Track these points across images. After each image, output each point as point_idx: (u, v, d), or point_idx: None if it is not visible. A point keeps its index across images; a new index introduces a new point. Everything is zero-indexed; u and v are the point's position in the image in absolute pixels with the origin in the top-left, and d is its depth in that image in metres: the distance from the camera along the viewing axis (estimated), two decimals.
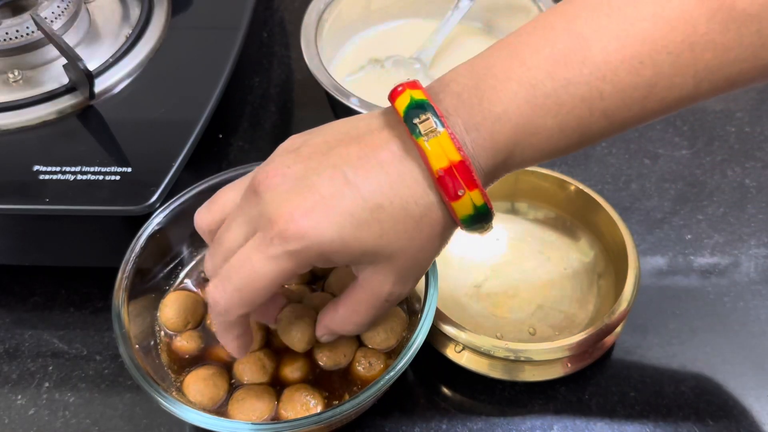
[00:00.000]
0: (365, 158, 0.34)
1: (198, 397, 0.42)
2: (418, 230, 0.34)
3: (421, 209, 0.34)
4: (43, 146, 0.51)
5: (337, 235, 0.33)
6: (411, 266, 0.36)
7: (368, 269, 0.36)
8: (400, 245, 0.34)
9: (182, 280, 0.49)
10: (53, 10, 0.55)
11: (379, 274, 0.35)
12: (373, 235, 0.34)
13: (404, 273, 0.36)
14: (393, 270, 0.35)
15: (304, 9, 0.61)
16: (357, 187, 0.33)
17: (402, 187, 0.34)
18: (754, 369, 0.49)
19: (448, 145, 0.33)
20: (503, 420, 0.47)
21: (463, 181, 0.33)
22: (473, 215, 0.34)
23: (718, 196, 0.59)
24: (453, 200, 0.34)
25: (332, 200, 0.33)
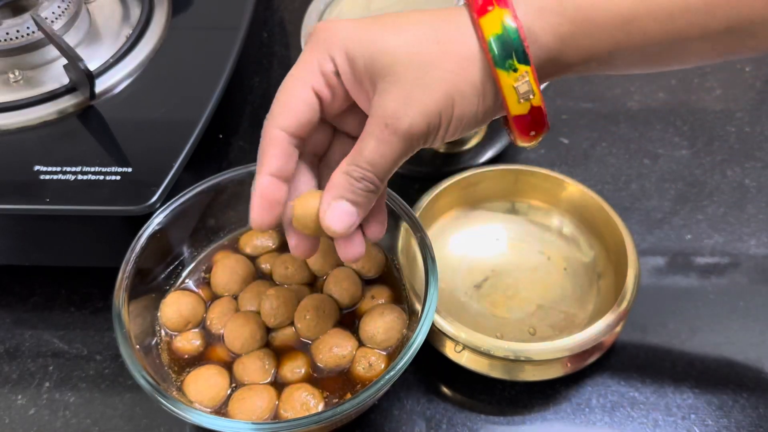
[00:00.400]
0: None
1: (198, 397, 0.42)
2: (437, 43, 0.33)
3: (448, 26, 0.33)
4: (44, 146, 0.51)
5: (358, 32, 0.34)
6: (418, 84, 0.33)
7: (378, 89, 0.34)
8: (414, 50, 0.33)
9: (183, 280, 0.49)
10: (53, 11, 0.55)
11: (386, 92, 0.33)
12: (391, 36, 0.33)
13: (410, 91, 0.33)
14: (399, 84, 0.33)
15: (304, 9, 0.61)
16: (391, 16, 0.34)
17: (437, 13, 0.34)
18: (754, 369, 0.49)
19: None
20: (503, 419, 0.47)
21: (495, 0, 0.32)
22: (502, 38, 0.32)
23: (718, 196, 0.59)
24: (481, 14, 0.32)
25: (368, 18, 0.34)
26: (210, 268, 0.49)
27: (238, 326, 0.45)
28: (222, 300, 0.47)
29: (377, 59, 0.33)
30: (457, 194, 0.55)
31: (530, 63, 0.33)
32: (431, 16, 0.34)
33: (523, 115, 0.34)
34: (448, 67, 0.33)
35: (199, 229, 0.50)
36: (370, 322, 0.45)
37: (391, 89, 0.33)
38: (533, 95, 0.33)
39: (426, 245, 0.44)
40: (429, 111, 0.33)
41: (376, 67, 0.33)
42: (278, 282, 0.48)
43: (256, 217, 0.36)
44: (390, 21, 0.34)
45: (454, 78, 0.33)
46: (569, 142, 0.64)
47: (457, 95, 0.33)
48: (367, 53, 0.33)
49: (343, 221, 0.35)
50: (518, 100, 0.33)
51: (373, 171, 0.34)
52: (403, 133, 0.33)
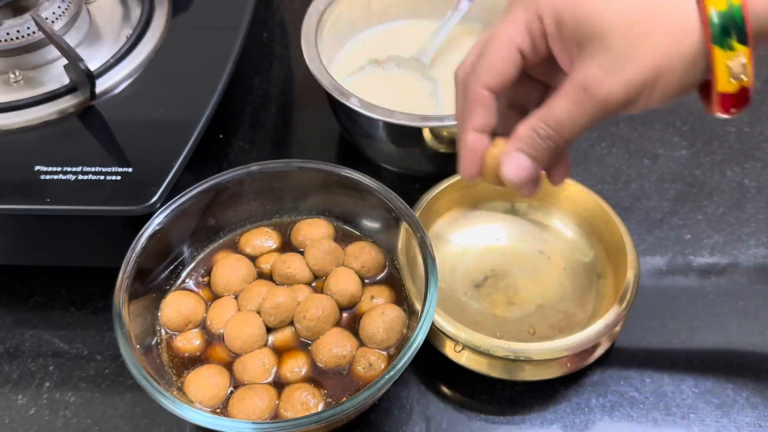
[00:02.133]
0: None
1: (198, 397, 0.42)
2: (653, 11, 0.32)
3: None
4: (44, 146, 0.51)
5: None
6: (626, 53, 0.32)
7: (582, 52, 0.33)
8: (625, 16, 0.32)
9: (183, 280, 0.49)
10: (54, 11, 0.55)
11: (590, 56, 0.33)
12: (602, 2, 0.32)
13: (616, 59, 0.32)
14: (606, 50, 0.32)
15: (304, 9, 0.61)
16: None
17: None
18: (753, 369, 0.49)
19: None
20: (503, 419, 0.47)
21: None
22: (725, 15, 0.31)
23: (717, 196, 0.59)
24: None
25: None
26: (210, 268, 0.49)
27: (238, 326, 0.45)
28: (222, 300, 0.47)
29: (587, 24, 0.32)
30: (457, 194, 0.55)
31: (749, 43, 0.31)
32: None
33: (730, 94, 0.32)
34: (661, 39, 0.32)
35: (199, 229, 0.50)
36: (370, 322, 0.45)
37: (597, 55, 0.32)
38: (746, 76, 0.32)
39: (426, 245, 0.45)
40: (632, 82, 0.32)
41: (585, 32, 0.32)
42: (278, 282, 0.48)
43: (466, 170, 0.37)
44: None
45: (665, 50, 0.32)
46: None
47: (665, 68, 0.32)
48: (577, 17, 0.32)
49: (520, 173, 0.35)
50: (729, 79, 0.32)
51: (559, 131, 0.34)
52: (599, 100, 0.33)
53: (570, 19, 0.33)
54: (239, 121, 0.66)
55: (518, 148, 0.35)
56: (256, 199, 0.51)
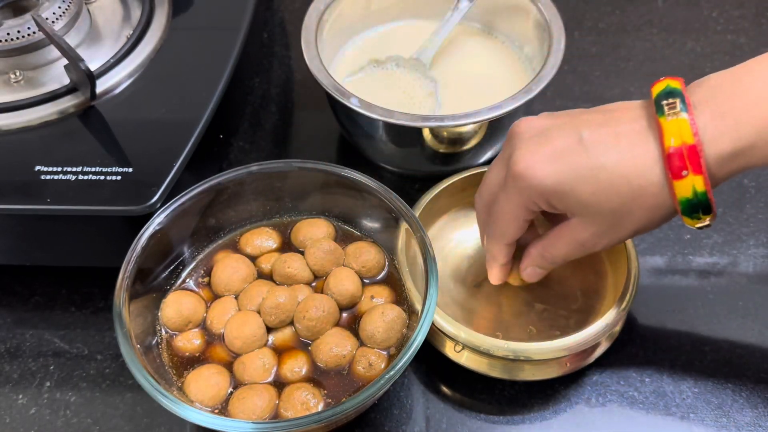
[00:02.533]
0: (605, 126, 0.39)
1: (199, 396, 0.42)
2: (632, 197, 0.38)
3: (642, 182, 0.37)
4: (45, 146, 0.51)
5: (557, 182, 0.39)
6: (613, 226, 0.40)
7: (575, 218, 0.41)
8: (609, 206, 0.38)
9: (183, 280, 0.49)
10: (54, 11, 0.55)
11: (582, 223, 0.40)
12: (588, 191, 0.38)
13: (604, 231, 0.40)
14: (596, 224, 0.40)
15: (304, 10, 0.61)
16: (587, 147, 0.38)
17: (630, 157, 0.37)
18: (752, 369, 0.49)
19: (685, 128, 0.36)
20: (503, 419, 0.47)
21: (690, 164, 0.36)
22: (691, 200, 0.37)
23: (716, 196, 0.59)
24: (676, 179, 0.36)
25: (562, 153, 0.39)
26: (210, 268, 0.49)
27: (239, 326, 0.45)
28: (222, 300, 0.47)
29: (574, 208, 0.40)
30: (457, 194, 0.55)
31: (713, 211, 0.37)
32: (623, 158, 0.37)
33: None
34: (639, 215, 0.39)
35: (199, 229, 0.50)
36: (370, 322, 0.45)
37: (586, 225, 0.40)
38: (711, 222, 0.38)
39: (426, 245, 0.45)
40: (617, 241, 0.41)
41: (574, 211, 0.40)
42: (278, 282, 0.48)
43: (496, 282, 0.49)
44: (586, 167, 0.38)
45: (644, 220, 0.39)
46: None
47: (646, 227, 0.40)
48: (567, 203, 0.39)
49: (535, 278, 0.47)
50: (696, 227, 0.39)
51: (561, 260, 0.44)
52: (592, 250, 0.42)
53: (561, 204, 0.40)
54: (239, 121, 0.66)
55: (532, 264, 0.46)
56: (256, 199, 0.51)
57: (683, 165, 0.36)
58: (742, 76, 0.37)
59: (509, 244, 0.45)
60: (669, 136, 0.36)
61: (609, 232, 0.40)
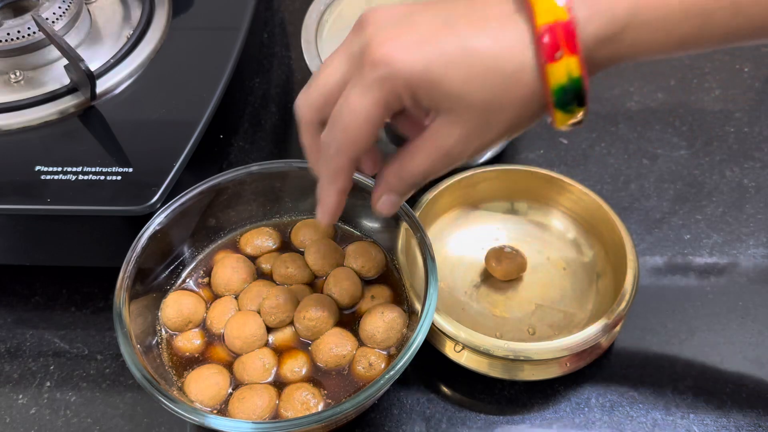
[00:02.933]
0: (472, 9, 0.34)
1: (199, 396, 0.42)
2: (504, 88, 0.34)
3: (515, 66, 0.33)
4: (45, 146, 0.51)
5: (425, 68, 0.33)
6: (482, 126, 0.35)
7: (440, 118, 0.35)
8: (481, 97, 0.34)
9: (183, 280, 0.49)
10: (54, 11, 0.55)
11: (449, 124, 0.35)
12: (460, 78, 0.33)
13: (472, 131, 0.35)
14: (463, 123, 0.35)
15: (304, 10, 0.61)
16: (457, 30, 0.34)
17: (501, 39, 0.33)
18: (753, 369, 0.49)
19: (555, 5, 0.32)
20: (502, 419, 0.47)
21: (564, 43, 0.32)
22: (566, 87, 0.33)
23: (716, 196, 0.60)
24: (549, 61, 0.33)
25: (429, 36, 0.34)
26: (210, 268, 0.49)
27: (239, 326, 0.45)
28: (222, 300, 0.47)
29: (445, 101, 0.34)
30: (457, 194, 0.55)
31: (586, 104, 0.34)
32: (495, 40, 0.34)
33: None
34: (510, 110, 0.35)
35: (199, 229, 0.50)
36: (370, 322, 0.45)
37: (454, 126, 0.35)
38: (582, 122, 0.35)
39: (426, 245, 0.45)
40: (487, 145, 0.36)
41: (443, 106, 0.35)
42: (278, 282, 0.48)
43: (324, 221, 0.41)
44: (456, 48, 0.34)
45: (514, 118, 0.35)
46: (568, 143, 0.64)
47: (515, 129, 0.36)
48: (435, 94, 0.34)
49: (392, 209, 0.40)
50: (568, 126, 0.35)
51: (423, 178, 0.38)
52: (456, 160, 0.37)
53: (427, 95, 0.34)
54: (239, 121, 0.66)
55: (387, 191, 0.39)
56: (256, 199, 0.51)
57: (557, 44, 0.32)
58: None
59: (356, 159, 0.38)
60: (541, 12, 0.32)
61: (477, 133, 0.35)
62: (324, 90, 0.37)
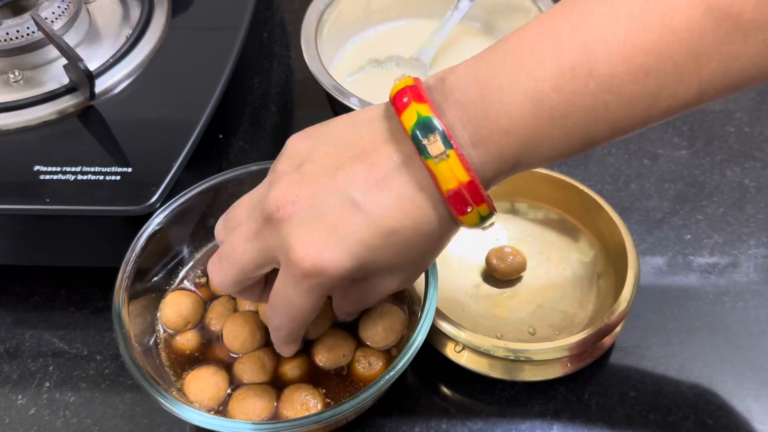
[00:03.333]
0: (372, 180, 0.35)
1: (198, 397, 0.42)
2: (429, 244, 0.37)
3: (432, 227, 0.36)
4: (44, 146, 0.51)
5: (355, 263, 0.35)
6: (417, 269, 0.40)
7: (378, 275, 0.38)
8: (411, 259, 0.37)
9: (182, 280, 0.49)
10: (53, 11, 0.55)
11: (388, 279, 0.38)
12: (388, 257, 0.36)
13: (410, 275, 0.40)
14: (401, 275, 0.38)
15: (304, 9, 0.61)
16: (367, 213, 0.34)
17: (413, 208, 0.35)
18: (753, 369, 0.49)
19: (457, 167, 0.34)
20: (503, 420, 0.47)
21: (471, 200, 0.34)
22: (478, 223, 0.36)
23: (717, 196, 0.59)
24: (462, 215, 0.35)
25: (344, 229, 0.35)
26: None
27: (238, 326, 0.45)
28: (221, 300, 0.47)
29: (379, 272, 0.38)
30: None
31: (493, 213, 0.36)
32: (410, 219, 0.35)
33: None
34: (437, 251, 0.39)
35: (199, 229, 0.50)
36: (370, 322, 0.45)
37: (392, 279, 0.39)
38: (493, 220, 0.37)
39: None
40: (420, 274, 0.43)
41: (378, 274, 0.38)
42: None
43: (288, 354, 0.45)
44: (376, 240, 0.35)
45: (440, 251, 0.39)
46: None
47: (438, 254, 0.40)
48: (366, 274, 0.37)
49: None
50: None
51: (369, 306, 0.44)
52: None
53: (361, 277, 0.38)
54: (239, 121, 0.66)
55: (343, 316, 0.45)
56: None
57: (465, 203, 0.34)
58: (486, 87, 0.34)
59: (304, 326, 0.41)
60: (444, 182, 0.34)
61: (416, 272, 0.40)
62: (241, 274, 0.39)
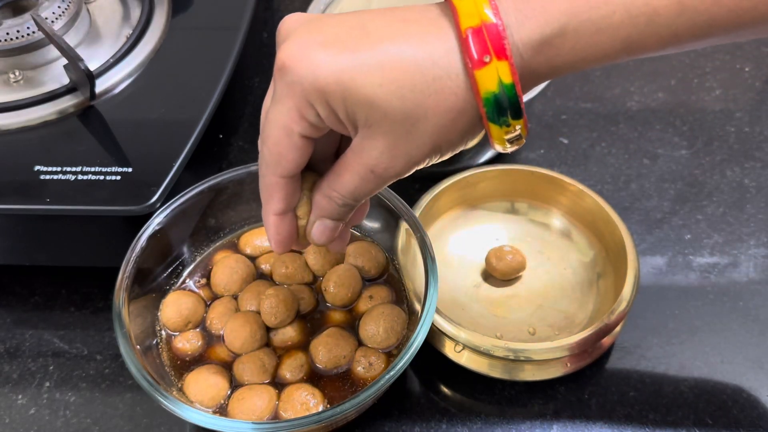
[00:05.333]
0: (391, 14, 0.31)
1: (198, 397, 0.42)
2: (426, 94, 0.31)
3: (437, 71, 0.30)
4: (44, 146, 0.51)
5: (334, 72, 0.30)
6: (404, 136, 0.32)
7: (361, 132, 0.32)
8: (399, 104, 0.31)
9: (183, 280, 0.49)
10: (54, 11, 0.55)
11: (370, 138, 0.32)
12: (373, 82, 0.30)
13: (394, 143, 0.32)
14: (383, 135, 0.32)
15: (304, 9, 0.61)
16: (369, 32, 0.31)
17: (422, 42, 0.30)
18: (753, 369, 0.49)
19: (482, 3, 0.30)
20: (503, 419, 0.47)
21: (492, 47, 0.30)
22: (498, 96, 0.31)
23: (717, 196, 0.59)
24: (477, 67, 0.30)
25: (338, 38, 0.31)
26: (210, 268, 0.49)
27: (238, 326, 0.45)
28: (222, 300, 0.47)
29: (361, 110, 0.31)
30: (457, 194, 0.55)
31: (523, 115, 0.32)
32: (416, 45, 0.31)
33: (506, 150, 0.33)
34: (437, 121, 0.31)
35: (199, 229, 0.50)
36: (370, 322, 0.45)
37: (376, 138, 0.32)
38: (522, 139, 0.33)
39: (426, 245, 0.45)
40: (413, 159, 0.33)
41: (358, 116, 0.31)
42: (278, 282, 0.48)
43: (278, 250, 0.38)
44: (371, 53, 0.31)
45: (442, 130, 0.32)
46: (569, 142, 0.64)
47: (444, 143, 0.33)
48: (348, 103, 0.31)
49: (326, 236, 0.37)
50: (506, 144, 0.33)
51: (353, 197, 0.35)
52: (386, 178, 0.34)
53: (341, 105, 0.31)
54: (239, 121, 0.66)
55: (320, 216, 0.37)
56: (256, 199, 0.50)
57: (485, 48, 0.29)
58: None
59: (284, 176, 0.35)
60: (465, 15, 0.30)
61: (402, 144, 0.32)
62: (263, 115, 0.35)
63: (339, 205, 0.36)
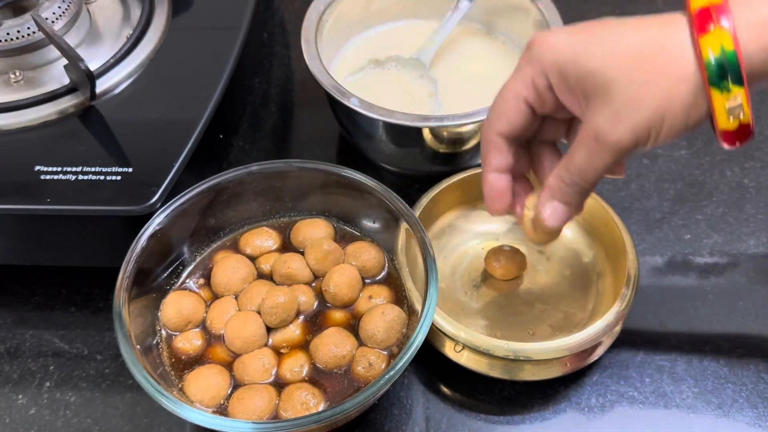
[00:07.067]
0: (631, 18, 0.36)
1: (199, 397, 0.42)
2: (652, 62, 0.34)
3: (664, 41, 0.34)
4: (45, 146, 0.51)
5: (570, 45, 0.36)
6: (628, 103, 0.35)
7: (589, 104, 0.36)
8: (623, 67, 0.34)
9: (183, 280, 0.49)
10: (54, 11, 0.55)
11: (597, 106, 0.35)
12: (604, 51, 0.35)
13: (620, 109, 0.35)
14: (609, 101, 0.35)
15: (304, 9, 0.61)
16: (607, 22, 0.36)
17: (653, 23, 0.35)
18: (753, 369, 0.49)
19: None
20: (503, 419, 0.47)
21: (716, 17, 0.33)
22: (719, 60, 0.33)
23: (717, 196, 0.60)
24: (701, 32, 0.33)
25: (580, 28, 0.36)
26: (210, 268, 0.49)
27: (239, 326, 0.45)
28: (222, 300, 0.47)
29: (590, 76, 0.35)
30: (457, 194, 0.55)
31: (744, 84, 0.34)
32: (647, 28, 0.35)
33: (731, 131, 0.35)
34: (661, 86, 0.34)
35: (199, 229, 0.50)
36: (370, 322, 0.45)
37: (604, 106, 0.35)
38: (743, 114, 0.34)
39: (426, 245, 0.45)
40: (638, 128, 0.35)
41: (589, 85, 0.35)
42: (278, 282, 0.48)
43: (491, 207, 0.42)
44: (606, 33, 0.36)
45: (666, 96, 0.34)
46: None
47: (668, 112, 0.35)
48: (580, 71, 0.35)
49: (557, 218, 0.40)
50: (728, 117, 0.35)
51: (581, 177, 0.38)
52: (610, 147, 0.36)
53: (573, 73, 0.36)
54: (239, 121, 0.66)
55: (551, 197, 0.39)
56: (256, 199, 0.51)
57: (709, 17, 0.33)
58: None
59: (500, 134, 0.39)
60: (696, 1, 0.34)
61: (626, 111, 0.35)
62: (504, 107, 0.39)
63: (567, 185, 0.38)
